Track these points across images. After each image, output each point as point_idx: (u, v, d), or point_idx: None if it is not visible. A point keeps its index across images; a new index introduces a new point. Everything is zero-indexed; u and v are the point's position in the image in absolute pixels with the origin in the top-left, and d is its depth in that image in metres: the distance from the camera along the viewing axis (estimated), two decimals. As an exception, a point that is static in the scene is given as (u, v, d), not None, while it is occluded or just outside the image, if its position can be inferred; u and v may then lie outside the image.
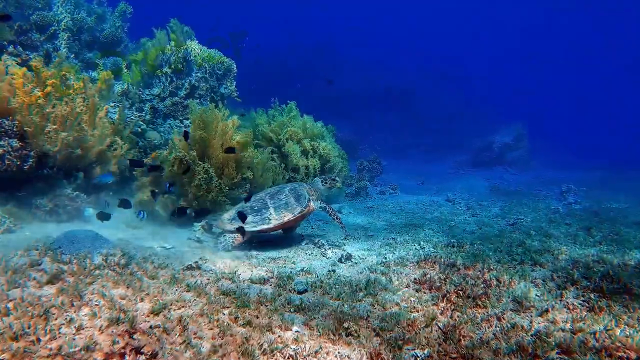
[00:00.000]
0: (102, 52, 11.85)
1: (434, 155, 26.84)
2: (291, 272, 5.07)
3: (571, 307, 4.25)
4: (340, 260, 5.81)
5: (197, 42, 11.38)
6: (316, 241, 6.67)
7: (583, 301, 4.37)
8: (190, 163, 7.15)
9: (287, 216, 6.63)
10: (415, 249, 6.70)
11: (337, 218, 7.05)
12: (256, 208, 6.66)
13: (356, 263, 5.77)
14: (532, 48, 56.25)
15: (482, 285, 4.88)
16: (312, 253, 6.20)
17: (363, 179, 14.26)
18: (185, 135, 6.52)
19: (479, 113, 32.41)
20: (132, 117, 9.02)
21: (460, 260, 5.91)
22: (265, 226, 6.46)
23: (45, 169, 6.24)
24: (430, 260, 5.83)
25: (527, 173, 21.24)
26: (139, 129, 9.04)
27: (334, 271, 5.26)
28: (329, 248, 6.41)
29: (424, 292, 4.73)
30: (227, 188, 7.62)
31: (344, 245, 6.89)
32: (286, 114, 11.00)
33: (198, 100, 10.59)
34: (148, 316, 3.45)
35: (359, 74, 37.47)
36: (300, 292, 4.47)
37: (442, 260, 5.84)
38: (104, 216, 5.72)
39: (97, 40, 13.13)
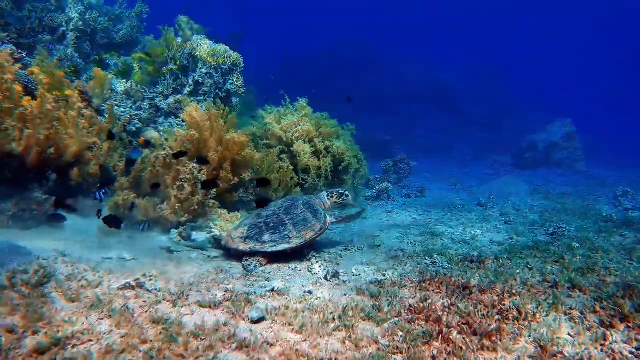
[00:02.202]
0: (97, 53, 11.62)
1: (473, 156, 25.09)
2: (256, 293, 4.18)
3: (618, 357, 3.06)
4: (326, 278, 4.85)
5: (205, 37, 10.80)
6: (305, 252, 5.72)
7: (637, 349, 3.16)
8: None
9: (309, 234, 5.83)
10: (425, 264, 5.60)
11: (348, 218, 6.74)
12: (272, 225, 5.86)
13: (344, 282, 4.78)
14: (580, 42, 52.20)
15: (496, 317, 3.77)
16: (295, 267, 5.27)
17: (386, 180, 13.14)
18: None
19: (523, 111, 30.12)
20: (126, 115, 8.50)
21: (477, 280, 4.79)
22: (286, 246, 5.65)
23: (6, 171, 5.73)
24: (437, 279, 4.75)
25: (576, 175, 19.10)
26: (134, 128, 8.52)
27: (310, 293, 4.31)
28: (318, 262, 5.45)
29: (418, 325, 3.68)
30: (214, 192, 6.85)
31: (340, 258, 5.90)
32: (297, 112, 10.14)
33: (203, 97, 9.98)
34: (30, 356, 2.67)
35: (396, 73, 36.17)
36: (254, 321, 3.56)
37: (453, 280, 4.74)
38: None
39: (113, 42, 12.96)
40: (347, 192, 6.88)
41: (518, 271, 5.24)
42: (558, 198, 12.25)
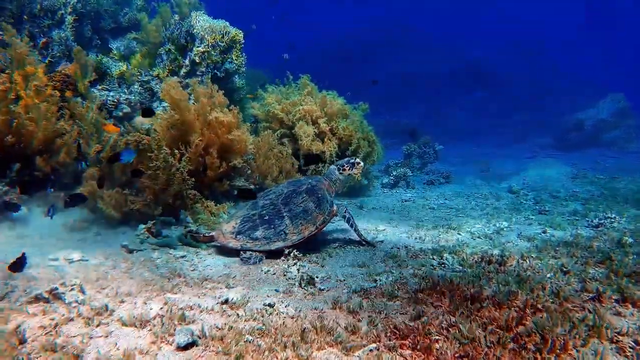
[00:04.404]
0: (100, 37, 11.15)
1: (511, 138, 23.18)
2: (200, 306, 3.33)
3: None
4: (300, 285, 3.95)
5: (203, 12, 10.01)
6: (286, 252, 4.82)
7: None
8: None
9: (308, 229, 5.05)
10: (431, 265, 4.58)
11: (359, 234, 5.56)
12: (267, 218, 5.09)
13: (322, 290, 3.85)
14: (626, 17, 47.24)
15: (510, 347, 2.76)
16: (268, 270, 4.39)
17: (407, 166, 12.00)
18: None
19: (568, 88, 27.57)
20: (113, 100, 7.87)
21: (492, 288, 3.74)
22: (280, 244, 4.90)
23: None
24: (439, 288, 3.74)
25: (629, 156, 16.99)
26: (121, 113, 7.88)
27: (270, 306, 3.42)
28: (297, 263, 4.54)
29: (400, 356, 2.73)
30: (192, 180, 6.06)
31: (330, 257, 4.96)
32: (300, 91, 9.20)
33: (200, 78, 9.21)
34: None
35: (430, 52, 34.32)
36: (181, 348, 2.72)
37: (460, 289, 3.71)
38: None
39: (120, 25, 12.45)
40: (358, 160, 5.86)
41: (549, 275, 4.14)
42: (606, 183, 10.67)
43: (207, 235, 5.28)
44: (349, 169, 5.77)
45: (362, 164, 5.90)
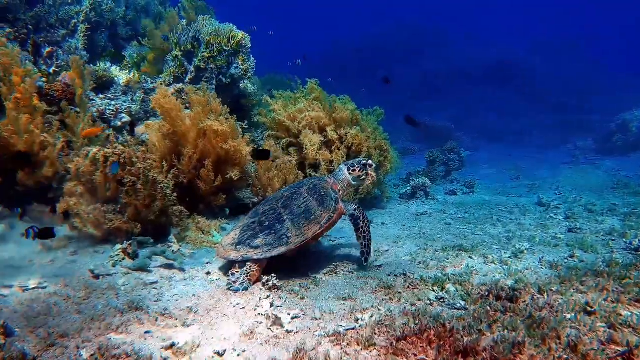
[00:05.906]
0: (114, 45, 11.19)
1: (548, 141, 21.71)
2: (140, 352, 2.88)
3: None
4: (266, 325, 3.42)
5: (211, 17, 9.73)
6: (265, 280, 4.29)
7: None
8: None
9: (312, 229, 4.67)
10: (428, 300, 3.94)
11: (365, 239, 4.98)
12: (267, 224, 4.73)
13: (289, 332, 3.32)
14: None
15: None
16: (238, 304, 3.88)
17: (428, 175, 11.23)
18: None
19: (611, 87, 25.62)
20: (111, 108, 7.66)
21: (495, 336, 3.08)
22: (283, 248, 4.53)
23: None
24: (426, 335, 3.11)
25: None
26: (119, 123, 7.65)
27: (220, 354, 2.92)
28: (271, 296, 4.00)
29: None
30: (173, 195, 5.66)
31: (315, 286, 4.41)
32: (307, 96, 8.70)
33: (205, 85, 8.89)
34: None
35: (458, 53, 33.06)
36: (91, 416, 2.28)
37: (453, 336, 3.08)
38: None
39: (138, 33, 12.47)
40: (370, 162, 5.34)
41: (569, 317, 3.42)
42: (653, 193, 9.52)
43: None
44: (359, 170, 5.25)
45: (374, 166, 5.39)
